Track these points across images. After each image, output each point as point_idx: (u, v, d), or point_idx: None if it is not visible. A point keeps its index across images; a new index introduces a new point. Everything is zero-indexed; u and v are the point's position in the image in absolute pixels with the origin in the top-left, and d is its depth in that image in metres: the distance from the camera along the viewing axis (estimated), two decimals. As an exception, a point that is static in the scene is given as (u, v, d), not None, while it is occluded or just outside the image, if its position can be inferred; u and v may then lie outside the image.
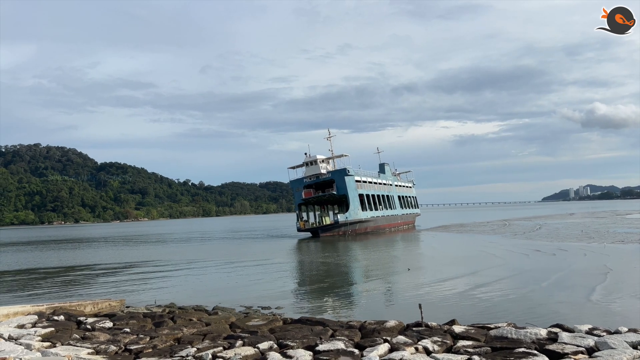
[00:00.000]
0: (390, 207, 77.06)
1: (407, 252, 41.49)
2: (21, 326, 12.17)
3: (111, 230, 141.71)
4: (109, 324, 12.17)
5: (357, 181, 65.91)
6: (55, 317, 12.96)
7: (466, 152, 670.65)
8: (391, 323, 11.10)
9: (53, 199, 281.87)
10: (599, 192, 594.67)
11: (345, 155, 67.28)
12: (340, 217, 62.73)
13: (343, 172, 63.60)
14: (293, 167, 68.14)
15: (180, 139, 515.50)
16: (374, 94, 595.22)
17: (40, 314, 13.62)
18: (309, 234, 64.76)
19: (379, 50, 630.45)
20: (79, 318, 12.98)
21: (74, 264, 40.20)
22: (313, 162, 65.22)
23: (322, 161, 65.87)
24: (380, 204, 72.96)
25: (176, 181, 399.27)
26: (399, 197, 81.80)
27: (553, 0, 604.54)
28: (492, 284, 21.75)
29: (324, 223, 65.21)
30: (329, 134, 70.27)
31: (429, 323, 10.86)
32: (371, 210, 68.98)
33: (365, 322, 11.52)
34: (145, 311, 14.85)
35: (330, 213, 73.21)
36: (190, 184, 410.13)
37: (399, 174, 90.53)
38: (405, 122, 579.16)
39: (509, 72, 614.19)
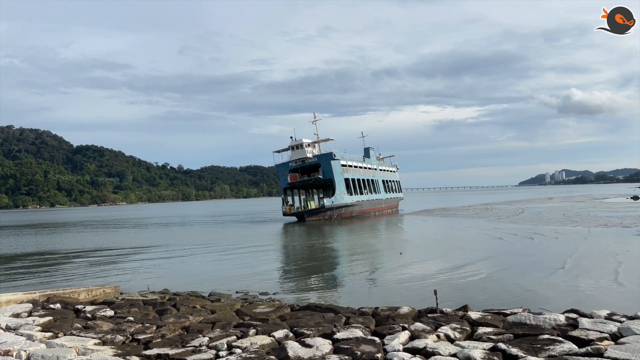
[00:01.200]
0: (375, 192, 77.20)
1: (395, 236, 41.58)
2: (16, 315, 11.63)
3: (89, 215, 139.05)
4: (109, 312, 11.71)
5: (342, 165, 65.67)
6: (52, 306, 12.42)
7: (446, 136, 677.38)
8: (404, 309, 10.90)
9: (27, 183, 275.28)
10: (574, 177, 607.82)
11: (331, 139, 66.95)
12: (327, 202, 62.53)
13: (329, 156, 63.25)
14: (278, 151, 67.50)
15: (158, 121, 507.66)
16: (355, 77, 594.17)
17: (34, 302, 13.08)
18: (294, 219, 64.53)
19: (360, 34, 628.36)
20: (76, 306, 12.48)
21: (52, 249, 39.00)
22: (299, 146, 64.66)
23: (308, 145, 65.36)
24: (365, 189, 73.00)
25: (154, 165, 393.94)
26: (383, 181, 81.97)
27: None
28: (490, 268, 21.84)
29: (309, 207, 65.00)
30: (315, 118, 69.80)
31: (443, 309, 10.69)
32: (356, 194, 68.98)
33: (377, 308, 11.30)
34: (144, 298, 14.39)
35: (315, 197, 73.04)
36: (169, 167, 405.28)
37: (383, 158, 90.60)
38: (386, 106, 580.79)
39: (488, 57, 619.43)
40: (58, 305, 12.52)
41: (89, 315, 11.54)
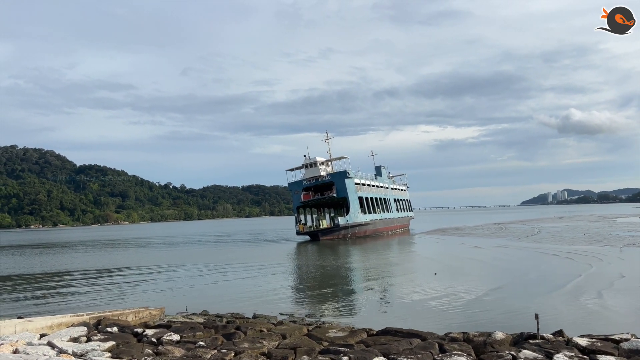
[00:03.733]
0: (388, 210, 76.33)
1: (420, 256, 40.60)
2: (75, 339, 10.83)
3: (93, 234, 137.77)
4: (175, 336, 10.88)
5: (356, 184, 64.98)
6: (109, 329, 11.61)
7: (447, 156, 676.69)
8: (499, 335, 10.09)
9: (30, 202, 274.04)
10: (576, 197, 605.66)
11: (344, 158, 66.31)
12: (341, 220, 61.63)
13: (343, 175, 62.59)
14: (291, 169, 66.88)
15: (160, 141, 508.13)
16: (356, 98, 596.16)
17: (85, 325, 12.26)
18: (307, 238, 63.52)
19: (360, 55, 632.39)
20: (134, 329, 11.66)
21: (65, 269, 38.02)
22: (313, 164, 64.02)
23: (322, 163, 64.73)
24: (378, 207, 72.16)
25: (157, 184, 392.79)
26: (394, 200, 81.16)
27: (531, 8, 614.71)
28: (543, 289, 20.98)
29: (322, 226, 64.08)
30: (327, 136, 69.20)
31: (544, 335, 9.87)
32: (370, 213, 68.12)
33: (467, 333, 10.47)
34: (198, 321, 13.56)
35: (327, 216, 72.11)
36: (171, 187, 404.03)
37: (393, 177, 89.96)
38: (387, 126, 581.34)
39: (488, 77, 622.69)
40: (115, 329, 11.70)
41: (153, 340, 10.72)
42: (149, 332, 11.34)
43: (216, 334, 11.59)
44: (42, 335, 10.97)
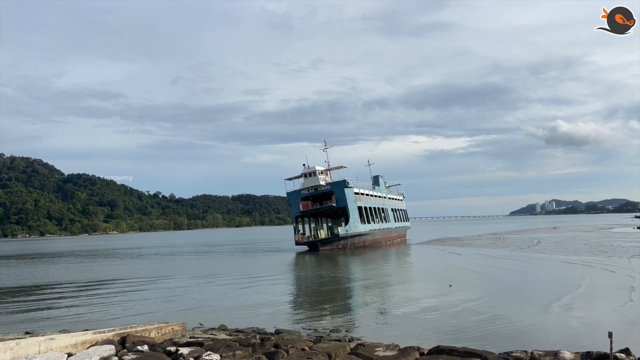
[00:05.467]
0: (386, 220, 75.75)
1: (429, 267, 39.85)
2: (105, 359, 9.97)
3: (81, 244, 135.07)
4: (214, 356, 10.06)
5: (355, 193, 64.35)
6: (139, 347, 10.76)
7: (436, 166, 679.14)
8: (567, 354, 9.43)
9: (17, 211, 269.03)
10: (564, 207, 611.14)
11: (344, 167, 65.76)
12: (341, 230, 60.88)
13: (343, 184, 61.95)
14: (290, 179, 66.09)
15: (150, 150, 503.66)
16: (346, 108, 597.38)
17: (110, 342, 11.39)
18: (305, 248, 62.59)
19: (350, 66, 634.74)
20: (167, 348, 10.82)
21: (54, 281, 36.62)
22: (312, 174, 63.31)
23: (321, 173, 64.05)
24: (376, 217, 71.55)
25: (146, 193, 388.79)
26: (392, 209, 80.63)
27: (518, 21, 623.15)
28: (573, 303, 20.42)
29: (320, 236, 63.22)
30: (325, 145, 68.66)
31: (617, 355, 9.22)
32: (369, 223, 67.46)
33: (532, 352, 9.78)
34: (230, 337, 12.72)
35: (325, 226, 71.27)
36: (160, 196, 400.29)
37: (389, 186, 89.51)
38: (377, 136, 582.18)
39: (477, 88, 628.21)
40: (145, 347, 10.85)
41: (191, 359, 9.89)
42: (183, 350, 10.51)
43: (254, 352, 10.79)
44: (69, 355, 10.11)
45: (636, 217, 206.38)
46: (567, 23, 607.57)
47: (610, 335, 9.26)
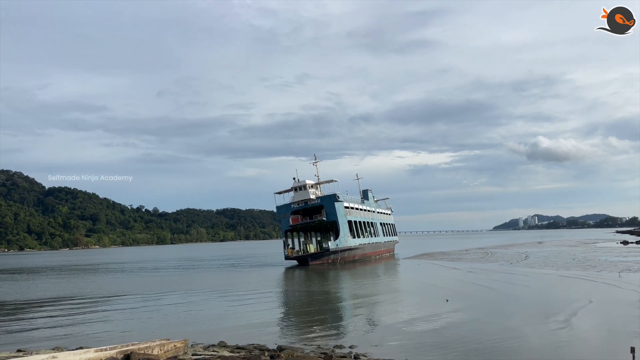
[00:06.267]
0: (375, 235, 75.58)
1: (421, 282, 39.66)
2: (113, 379, 9.52)
3: (62, 259, 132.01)
4: (228, 374, 9.68)
5: (345, 207, 64.14)
6: (147, 366, 10.33)
7: (421, 181, 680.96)
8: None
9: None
10: (546, 222, 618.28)
11: (334, 181, 65.62)
12: (331, 245, 60.47)
13: (333, 198, 61.71)
14: (280, 192, 65.61)
15: (133, 164, 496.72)
16: (332, 123, 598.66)
17: (113, 359, 10.95)
18: (295, 262, 61.94)
19: (336, 81, 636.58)
20: (177, 366, 10.41)
21: (36, 297, 35.44)
22: (302, 187, 62.98)
23: (312, 186, 63.78)
24: (366, 231, 71.35)
25: (129, 207, 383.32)
26: (381, 224, 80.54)
27: (501, 39, 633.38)
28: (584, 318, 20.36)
29: (309, 250, 62.67)
30: (315, 159, 68.55)
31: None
32: (358, 237, 67.20)
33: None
34: (226, 354, 12.32)
35: (314, 240, 70.75)
36: (143, 210, 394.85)
37: (377, 200, 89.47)
38: (362, 151, 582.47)
39: (460, 105, 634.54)
40: (154, 366, 10.43)
41: (205, 378, 9.50)
42: (195, 368, 10.11)
43: (268, 370, 10.42)
44: (74, 374, 9.64)
45: (617, 232, 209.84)
46: (548, 42, 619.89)
47: (632, 350, 9.14)
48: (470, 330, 18.42)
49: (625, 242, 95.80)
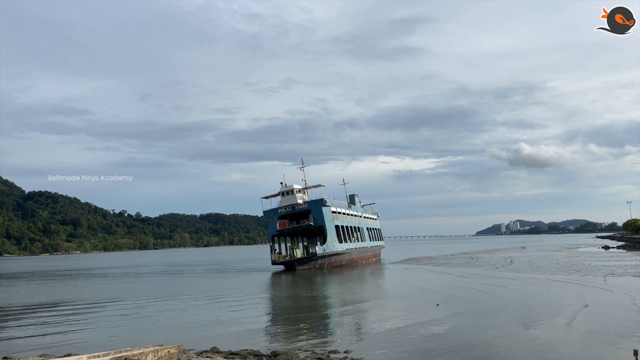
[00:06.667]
0: (361, 240, 75.58)
1: (411, 286, 39.66)
2: (110, 387, 9.25)
3: (42, 264, 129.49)
4: (229, 380, 9.47)
5: (332, 212, 64.03)
6: (145, 373, 10.07)
7: (405, 186, 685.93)
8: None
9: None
10: (528, 227, 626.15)
11: (321, 185, 65.52)
12: (318, 249, 60.30)
13: (320, 203, 61.57)
14: (267, 197, 65.30)
15: (116, 168, 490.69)
16: (317, 128, 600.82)
17: (109, 368, 10.65)
18: (282, 267, 61.58)
19: (321, 86, 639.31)
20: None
21: (17, 303, 34.83)
22: (290, 192, 62.75)
23: (299, 191, 63.57)
24: (353, 236, 71.32)
25: (111, 212, 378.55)
26: (367, 229, 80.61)
27: (484, 46, 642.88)
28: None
29: (296, 255, 62.38)
30: (302, 164, 68.40)
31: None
32: (345, 242, 67.12)
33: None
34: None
35: (300, 245, 70.47)
36: (126, 215, 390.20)
37: (363, 205, 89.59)
38: (347, 156, 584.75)
39: (444, 111, 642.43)
40: (151, 373, 10.17)
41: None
42: (194, 375, 9.87)
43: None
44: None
45: (598, 237, 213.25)
46: (529, 50, 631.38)
47: (635, 353, 9.18)
48: (468, 336, 18.38)
49: (606, 247, 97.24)
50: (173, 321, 24.51)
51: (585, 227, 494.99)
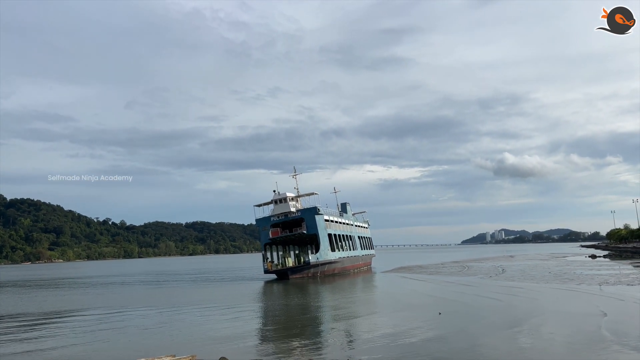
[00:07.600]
0: (353, 248, 75.37)
1: (409, 294, 39.49)
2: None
3: (25, 273, 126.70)
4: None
5: (325, 220, 63.77)
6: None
7: (391, 195, 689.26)
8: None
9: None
10: (513, 236, 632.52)
11: (314, 194, 65.29)
12: (312, 258, 59.91)
13: (313, 211, 61.28)
14: (259, 205, 64.84)
15: (100, 175, 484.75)
16: (304, 136, 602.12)
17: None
18: (274, 276, 61.01)
19: (308, 95, 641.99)
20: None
21: (4, 313, 33.93)
22: (282, 200, 62.39)
23: (292, 199, 63.23)
24: (345, 245, 71.07)
25: (95, 220, 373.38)
26: (358, 237, 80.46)
27: (469, 58, 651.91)
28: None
29: (287, 264, 61.86)
30: (295, 172, 68.16)
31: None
32: (338, 250, 66.83)
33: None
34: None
35: (292, 253, 69.99)
36: (110, 223, 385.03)
37: (354, 214, 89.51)
38: (334, 165, 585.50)
39: (429, 121, 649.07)
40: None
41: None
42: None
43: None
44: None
45: (582, 246, 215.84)
46: (513, 61, 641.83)
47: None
48: (496, 347, 18.20)
49: (593, 256, 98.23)
50: (172, 331, 23.92)
51: (569, 236, 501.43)
